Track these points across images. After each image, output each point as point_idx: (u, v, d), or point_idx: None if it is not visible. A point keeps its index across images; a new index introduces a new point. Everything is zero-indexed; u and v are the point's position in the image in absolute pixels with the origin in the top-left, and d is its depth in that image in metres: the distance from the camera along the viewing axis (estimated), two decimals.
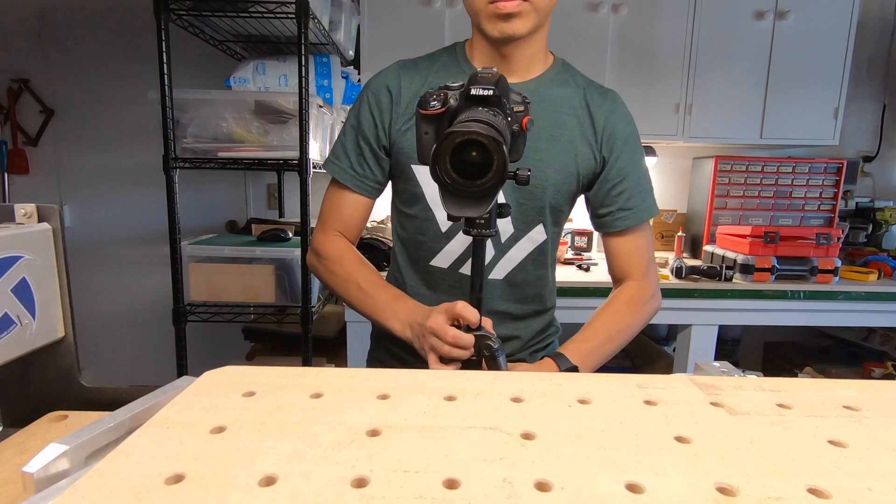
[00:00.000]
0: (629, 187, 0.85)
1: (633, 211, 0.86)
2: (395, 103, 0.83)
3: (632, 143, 0.86)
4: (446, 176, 0.52)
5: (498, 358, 0.65)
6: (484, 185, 0.52)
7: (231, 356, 2.23)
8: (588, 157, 0.84)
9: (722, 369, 0.54)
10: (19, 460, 0.44)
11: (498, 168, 0.51)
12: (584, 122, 0.84)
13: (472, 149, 0.51)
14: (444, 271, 0.86)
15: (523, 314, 0.90)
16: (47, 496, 0.31)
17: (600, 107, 0.84)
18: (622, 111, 0.86)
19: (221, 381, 0.42)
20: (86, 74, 2.28)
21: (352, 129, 0.86)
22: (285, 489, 0.28)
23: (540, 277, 0.89)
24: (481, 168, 0.51)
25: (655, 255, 0.88)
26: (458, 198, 0.54)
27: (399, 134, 0.83)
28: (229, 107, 1.55)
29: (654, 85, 2.10)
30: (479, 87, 0.57)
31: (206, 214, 2.37)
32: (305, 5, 1.44)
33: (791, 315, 1.92)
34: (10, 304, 0.49)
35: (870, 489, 0.29)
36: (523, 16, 0.74)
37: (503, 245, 0.85)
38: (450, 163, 0.51)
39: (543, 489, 0.29)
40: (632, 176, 0.85)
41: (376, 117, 0.83)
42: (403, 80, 0.83)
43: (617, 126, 0.84)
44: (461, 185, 0.52)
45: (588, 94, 0.85)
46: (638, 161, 0.87)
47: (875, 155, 2.53)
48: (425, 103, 0.61)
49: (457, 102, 0.60)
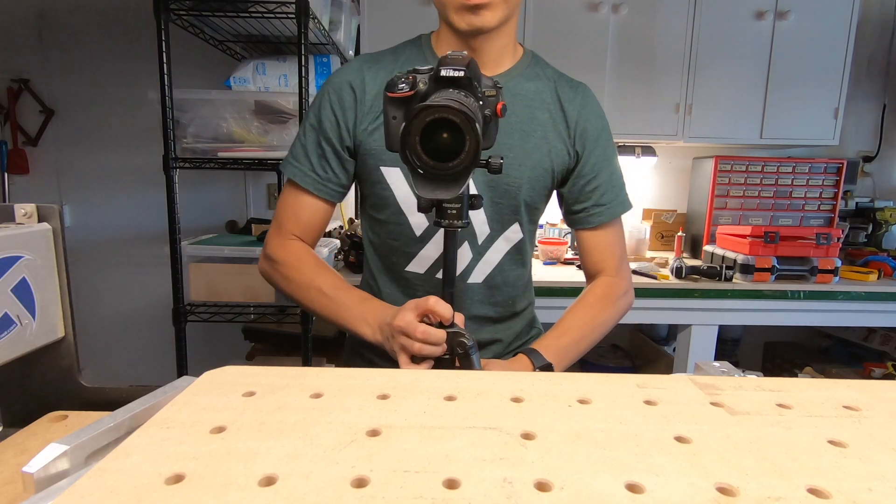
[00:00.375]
0: (603, 183, 0.84)
1: (607, 207, 0.84)
2: (360, 101, 0.78)
3: (604, 137, 0.84)
4: (416, 158, 0.50)
5: (471, 356, 0.64)
6: (456, 167, 0.50)
7: (231, 356, 2.23)
8: (562, 152, 0.82)
9: (722, 369, 0.54)
10: (19, 460, 0.44)
11: (471, 148, 0.49)
12: (557, 116, 0.82)
13: (443, 130, 0.49)
14: (420, 276, 0.83)
15: (503, 316, 0.88)
16: (47, 496, 0.31)
17: (572, 101, 0.83)
18: (593, 105, 0.85)
19: (221, 381, 0.42)
20: (86, 74, 2.28)
21: (312, 129, 0.81)
22: (285, 489, 0.28)
23: (518, 277, 0.88)
24: (452, 151, 0.49)
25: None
26: (429, 181, 0.52)
27: (365, 134, 0.79)
28: (229, 107, 1.55)
29: (653, 85, 2.10)
30: (449, 69, 0.55)
31: (206, 214, 2.37)
32: (305, 5, 1.44)
33: (791, 315, 1.92)
34: (10, 304, 0.49)
35: (870, 489, 0.29)
36: (492, 7, 0.71)
37: (480, 247, 0.83)
38: (420, 144, 0.49)
39: (543, 489, 0.29)
40: (605, 171, 0.84)
41: (339, 117, 0.79)
42: (367, 76, 0.79)
43: (589, 120, 0.83)
44: (431, 168, 0.50)
45: (559, 87, 0.83)
46: (611, 156, 0.85)
47: (875, 155, 2.53)
48: (393, 86, 0.58)
49: (426, 86, 0.57)
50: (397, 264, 0.84)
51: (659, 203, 2.57)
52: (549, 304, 1.86)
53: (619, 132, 2.14)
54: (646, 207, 2.55)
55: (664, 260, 2.19)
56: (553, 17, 2.05)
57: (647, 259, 2.21)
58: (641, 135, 2.14)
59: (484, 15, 0.72)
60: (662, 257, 2.24)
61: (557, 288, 1.84)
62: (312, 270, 0.79)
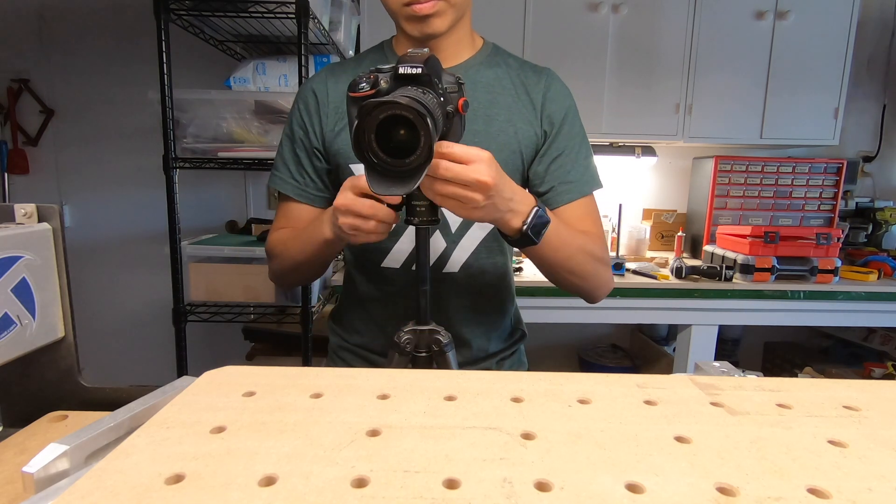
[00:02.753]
0: (569, 161, 0.82)
1: (574, 184, 0.82)
2: (323, 104, 0.82)
3: (571, 116, 0.83)
4: (371, 154, 0.50)
5: (447, 353, 0.64)
6: (412, 163, 0.49)
7: (231, 356, 2.23)
8: (528, 133, 0.82)
9: (722, 369, 0.54)
10: (19, 460, 0.44)
11: (425, 144, 0.48)
12: (522, 98, 0.82)
13: (399, 127, 0.49)
14: (397, 272, 0.84)
15: (485, 308, 0.87)
16: (47, 496, 0.31)
17: (536, 84, 0.83)
18: (559, 86, 0.84)
19: (221, 381, 0.42)
20: (86, 74, 2.28)
21: (287, 139, 0.85)
22: (285, 489, 0.28)
23: (496, 265, 0.87)
24: (410, 148, 0.49)
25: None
26: (383, 177, 0.51)
27: (332, 136, 0.82)
28: (229, 107, 1.55)
29: (654, 85, 2.10)
30: (406, 66, 0.55)
31: (206, 214, 2.37)
32: (305, 5, 1.44)
33: (791, 315, 1.92)
34: (10, 304, 0.49)
35: (870, 489, 0.29)
36: (440, 14, 0.73)
37: (454, 235, 0.83)
38: (376, 141, 0.49)
39: (543, 489, 0.29)
40: (572, 149, 0.83)
41: (307, 122, 0.83)
42: (330, 82, 0.83)
43: (555, 101, 0.83)
44: (387, 164, 0.50)
45: (522, 73, 0.84)
46: (577, 134, 0.84)
47: (875, 155, 2.53)
48: (355, 86, 0.59)
49: (388, 84, 0.57)
50: (373, 261, 0.85)
51: (659, 203, 2.57)
52: (549, 304, 1.86)
53: (620, 132, 2.14)
54: (646, 207, 2.55)
55: (664, 260, 2.19)
56: (553, 17, 2.05)
57: (647, 259, 2.21)
58: (641, 135, 2.14)
59: (433, 23, 0.74)
60: (662, 257, 2.24)
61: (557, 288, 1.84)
62: (289, 238, 0.82)
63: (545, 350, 2.62)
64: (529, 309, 1.86)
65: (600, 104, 2.10)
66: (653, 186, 2.57)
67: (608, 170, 2.52)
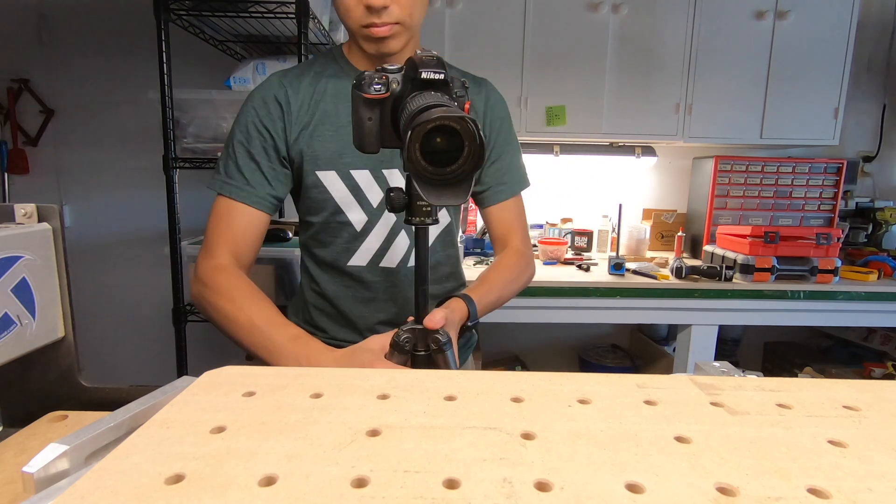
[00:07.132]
0: (504, 165, 0.94)
1: (508, 185, 0.95)
2: (287, 112, 0.82)
3: (506, 125, 0.95)
4: (420, 168, 0.49)
5: (446, 352, 0.64)
6: (455, 171, 0.50)
7: (231, 356, 2.22)
8: None
9: (722, 369, 0.54)
10: (19, 460, 0.44)
11: (476, 152, 0.48)
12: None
13: (436, 136, 0.49)
14: (363, 269, 0.89)
15: (443, 292, 0.95)
16: (47, 496, 0.31)
17: (478, 93, 0.92)
18: (497, 97, 0.95)
19: (221, 381, 0.42)
20: (86, 74, 2.28)
21: (241, 145, 0.82)
22: (285, 489, 0.28)
23: (449, 256, 0.96)
24: (448, 155, 0.49)
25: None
26: (433, 186, 0.51)
27: (297, 142, 0.83)
28: (229, 107, 1.55)
29: (654, 85, 2.10)
30: (430, 71, 0.55)
31: (206, 214, 2.36)
32: (305, 5, 1.44)
33: (791, 315, 1.92)
34: (10, 304, 0.49)
35: (870, 489, 0.29)
36: (396, 36, 0.78)
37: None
38: (419, 151, 0.49)
39: (543, 489, 0.29)
40: (507, 154, 0.95)
41: (270, 129, 0.82)
42: (290, 90, 0.83)
43: (494, 110, 0.93)
44: (431, 174, 0.50)
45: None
46: (511, 140, 0.96)
47: (875, 155, 2.53)
48: (367, 86, 0.58)
49: (398, 86, 0.58)
50: (339, 261, 0.89)
51: (659, 203, 2.57)
52: (550, 305, 1.86)
53: (619, 132, 2.14)
54: (646, 207, 2.56)
55: (664, 260, 2.19)
56: (553, 17, 2.05)
57: (647, 259, 2.21)
58: (641, 135, 2.14)
59: (389, 43, 0.78)
60: (662, 257, 2.24)
61: (558, 288, 1.84)
62: (245, 299, 0.75)
63: (545, 350, 2.62)
64: (529, 309, 1.86)
65: (600, 104, 2.10)
66: (653, 186, 2.57)
67: (608, 170, 2.52)
